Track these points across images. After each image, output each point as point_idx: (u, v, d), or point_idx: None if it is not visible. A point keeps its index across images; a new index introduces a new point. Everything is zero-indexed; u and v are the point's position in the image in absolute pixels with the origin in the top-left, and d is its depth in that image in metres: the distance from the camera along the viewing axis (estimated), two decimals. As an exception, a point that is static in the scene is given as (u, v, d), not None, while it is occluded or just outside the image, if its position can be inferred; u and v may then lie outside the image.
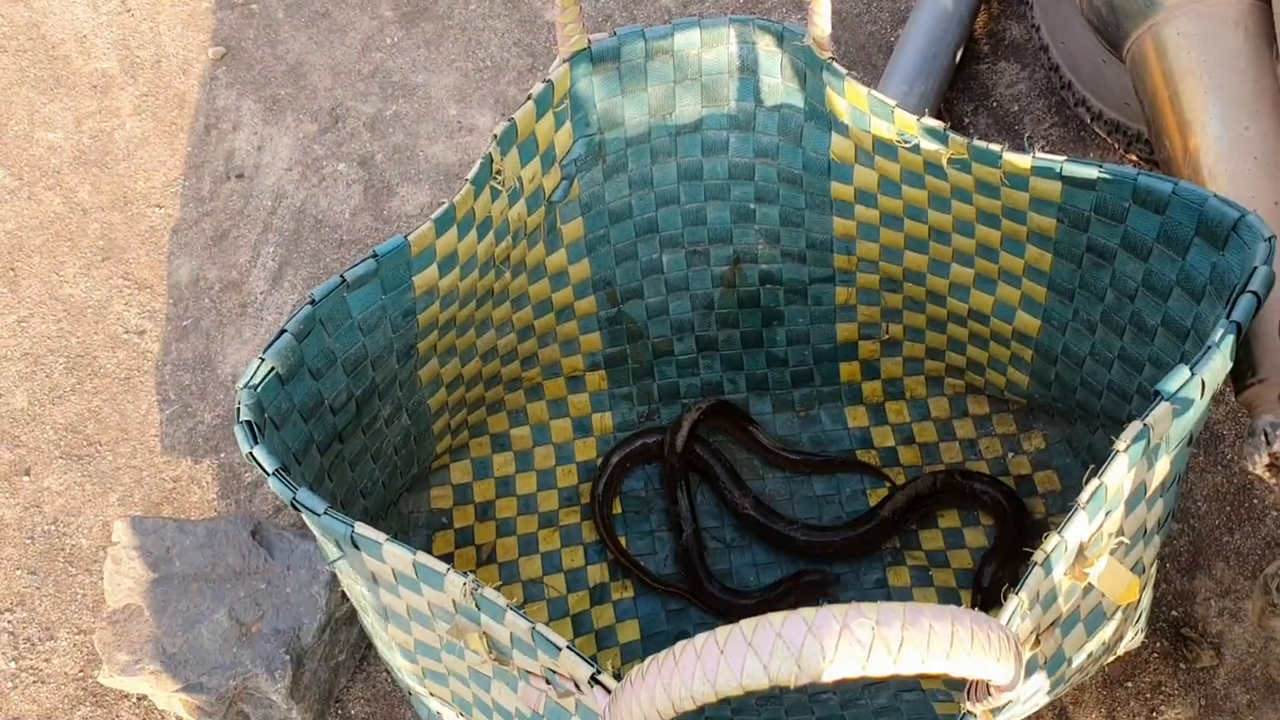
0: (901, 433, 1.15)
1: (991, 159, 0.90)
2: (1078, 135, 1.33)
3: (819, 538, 1.08)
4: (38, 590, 1.15)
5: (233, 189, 1.36)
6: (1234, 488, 1.13)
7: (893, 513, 1.08)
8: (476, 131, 1.39)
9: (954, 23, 1.32)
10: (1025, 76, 1.37)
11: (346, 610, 1.06)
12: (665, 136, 1.04)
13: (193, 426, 1.23)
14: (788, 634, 0.48)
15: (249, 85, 1.43)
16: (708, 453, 1.12)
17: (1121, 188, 0.86)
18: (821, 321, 1.13)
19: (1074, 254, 0.93)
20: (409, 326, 0.93)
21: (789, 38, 0.97)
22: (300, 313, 0.84)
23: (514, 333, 1.07)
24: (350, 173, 1.37)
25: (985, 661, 0.52)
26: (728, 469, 1.12)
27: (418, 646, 0.82)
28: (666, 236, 1.09)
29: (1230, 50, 1.05)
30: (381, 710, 1.09)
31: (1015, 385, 1.09)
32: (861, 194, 1.02)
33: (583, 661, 0.67)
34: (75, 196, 1.37)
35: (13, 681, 1.11)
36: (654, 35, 0.98)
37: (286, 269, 1.31)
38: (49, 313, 1.30)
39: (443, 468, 1.12)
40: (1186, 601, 1.09)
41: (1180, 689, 1.05)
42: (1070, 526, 0.69)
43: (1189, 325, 0.87)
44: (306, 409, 0.86)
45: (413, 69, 1.44)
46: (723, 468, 1.12)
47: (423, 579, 0.72)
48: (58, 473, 1.21)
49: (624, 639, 1.06)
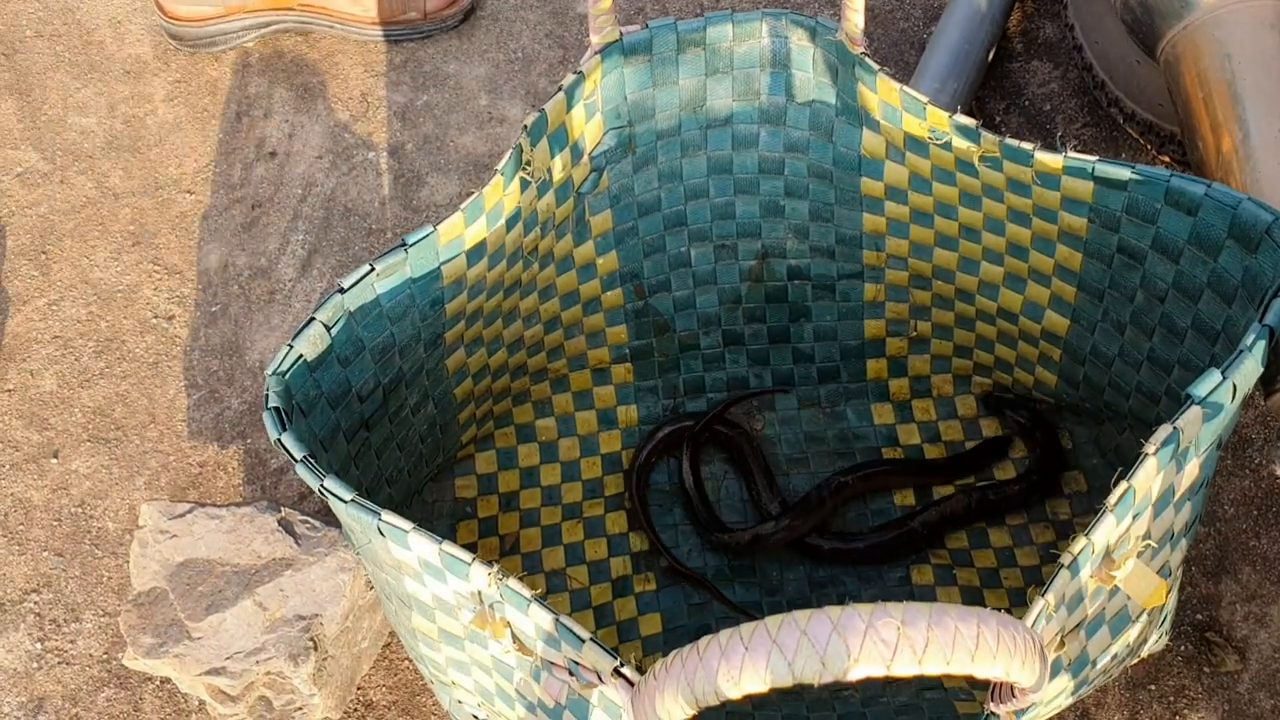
0: (928, 431, 1.14)
1: (1023, 157, 0.89)
2: (1110, 136, 1.32)
3: (844, 545, 1.08)
4: (64, 572, 1.16)
5: (263, 176, 1.36)
6: (1261, 492, 1.13)
7: (923, 526, 1.07)
8: (507, 122, 1.39)
9: (987, 21, 1.32)
10: (1058, 76, 1.37)
11: (370, 598, 1.06)
12: (696, 130, 1.04)
13: (220, 412, 1.24)
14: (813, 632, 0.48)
15: (280, 73, 1.43)
16: (746, 444, 1.12)
17: (1154, 189, 0.86)
18: (849, 318, 1.13)
19: (1104, 254, 0.93)
20: (437, 316, 0.93)
21: (821, 32, 0.97)
22: (329, 300, 0.84)
23: (541, 324, 1.07)
24: (380, 162, 1.37)
25: (1010, 664, 0.52)
26: (763, 467, 1.11)
27: (441, 636, 0.82)
28: (695, 230, 1.09)
29: (1265, 52, 1.04)
30: (403, 698, 1.09)
31: (1043, 385, 1.09)
32: (892, 190, 1.02)
33: (606, 654, 0.67)
34: (107, 181, 1.38)
35: (38, 662, 1.12)
36: (686, 28, 0.98)
37: (315, 257, 1.32)
38: (79, 296, 1.30)
39: (468, 457, 1.12)
40: (1212, 605, 1.08)
41: (1204, 693, 1.05)
42: (1098, 529, 0.68)
43: (1219, 328, 0.86)
44: (334, 396, 0.87)
45: (444, 59, 1.44)
46: (758, 465, 1.11)
47: (448, 568, 0.72)
48: (85, 456, 1.22)
49: (646, 632, 1.06)
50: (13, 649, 1.13)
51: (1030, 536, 1.08)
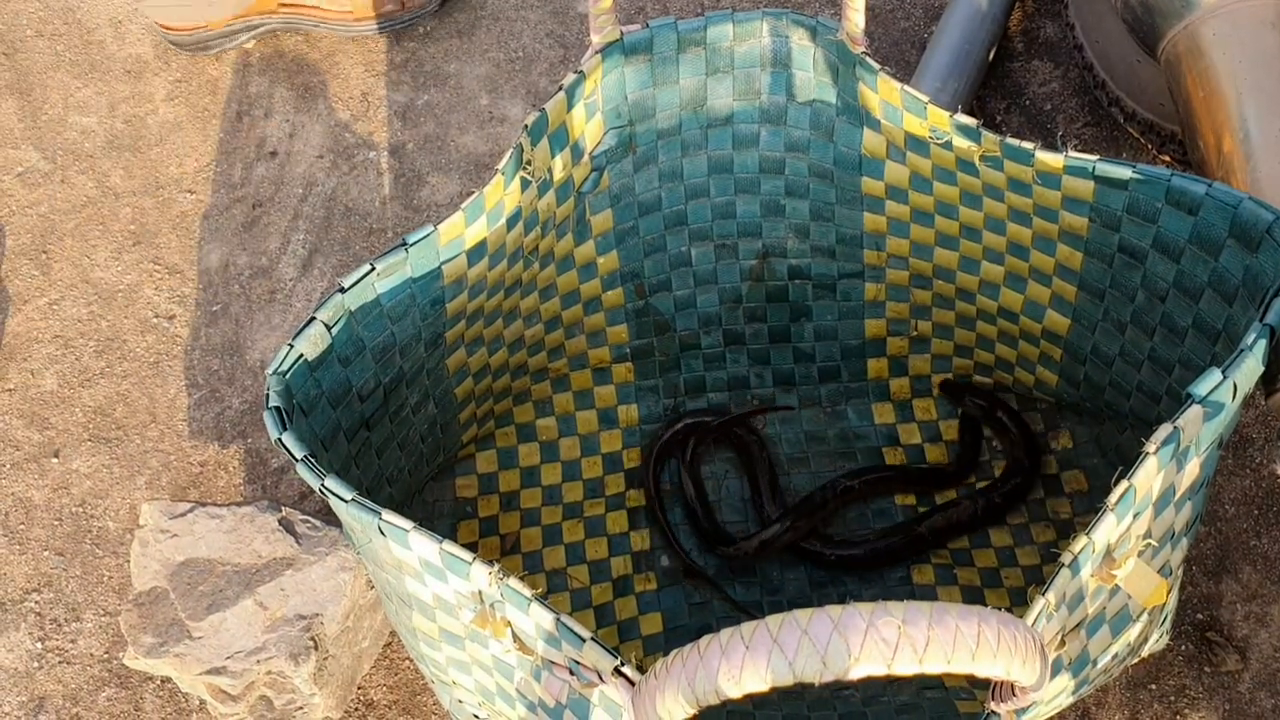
0: (928, 430, 1.14)
1: (1024, 157, 0.89)
2: (1111, 135, 1.32)
3: (846, 551, 1.08)
4: (65, 572, 1.16)
5: (264, 175, 1.36)
6: (1262, 491, 1.13)
7: (929, 531, 1.07)
8: (507, 122, 1.39)
9: (988, 20, 1.32)
10: (1059, 75, 1.37)
11: (370, 598, 1.06)
12: (696, 129, 1.04)
13: (220, 412, 1.24)
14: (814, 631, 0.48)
15: (281, 72, 1.43)
16: (757, 450, 1.12)
17: (1154, 188, 0.86)
18: (850, 317, 1.13)
19: (1105, 253, 0.93)
20: (437, 315, 0.93)
21: (822, 32, 0.96)
22: (330, 300, 0.84)
23: (541, 323, 1.07)
24: (381, 161, 1.37)
25: (1011, 663, 0.52)
26: (769, 474, 1.11)
27: (442, 635, 0.82)
28: (695, 229, 1.09)
29: (1266, 51, 1.04)
30: (403, 698, 1.09)
31: (1044, 384, 1.09)
32: (892, 190, 1.02)
33: (607, 653, 0.67)
34: (108, 181, 1.38)
35: (39, 662, 1.12)
36: (687, 28, 0.98)
37: (316, 256, 1.32)
38: (80, 296, 1.30)
39: (468, 457, 1.12)
40: (1212, 605, 1.08)
41: (1204, 693, 1.05)
42: (1099, 528, 0.68)
43: (1220, 327, 0.86)
44: (334, 396, 0.87)
45: (445, 58, 1.44)
46: (764, 471, 1.11)
47: (448, 568, 0.72)
48: (86, 455, 1.22)
49: (647, 631, 1.06)
50: (13, 648, 1.13)
51: (1031, 536, 1.08)
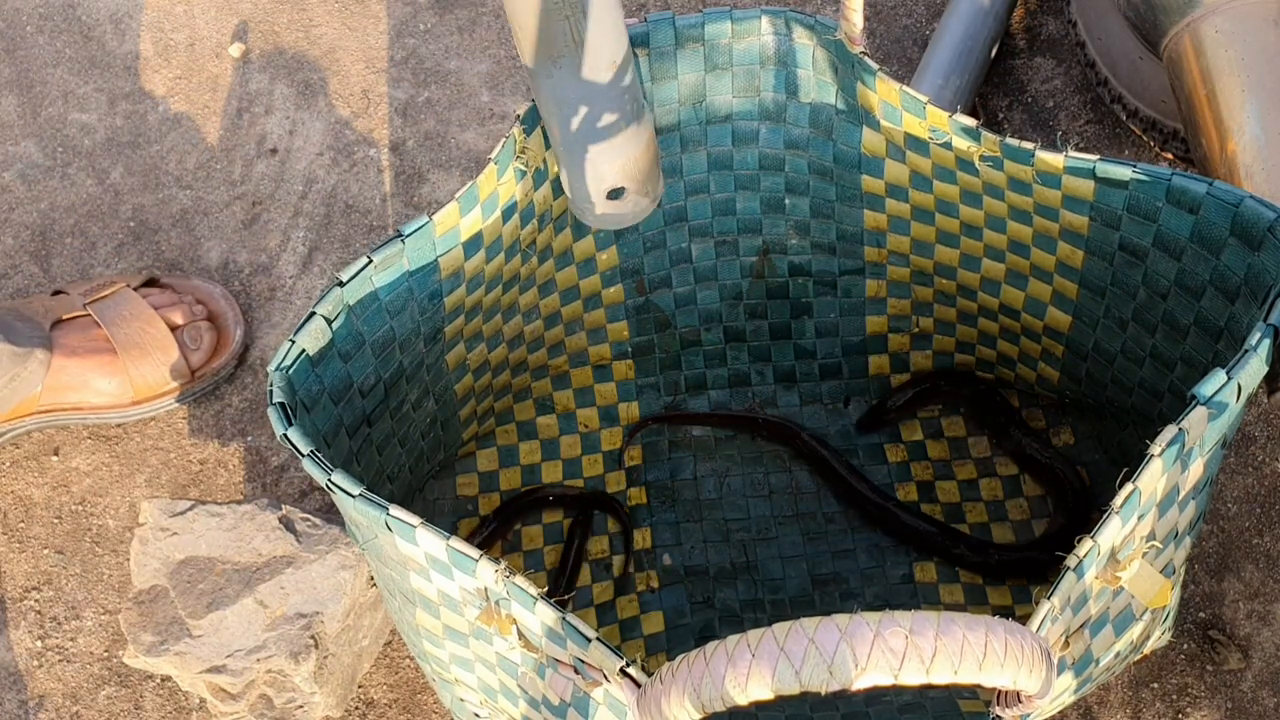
0: (929, 427, 1.14)
1: (1024, 157, 0.89)
2: (1113, 132, 1.32)
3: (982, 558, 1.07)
4: (64, 570, 1.16)
5: (264, 173, 1.36)
6: (1265, 490, 1.13)
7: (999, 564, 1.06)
8: (508, 119, 1.39)
9: (990, 17, 1.31)
10: (1061, 72, 1.36)
11: (371, 596, 1.06)
12: (695, 125, 1.03)
13: (220, 410, 1.23)
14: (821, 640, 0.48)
15: (281, 69, 1.43)
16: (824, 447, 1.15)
17: (1155, 187, 0.86)
18: (851, 314, 1.13)
19: (1106, 252, 0.92)
20: (435, 309, 0.93)
21: (821, 30, 0.96)
22: (329, 294, 0.84)
23: (541, 319, 1.07)
24: (381, 158, 1.37)
25: (1018, 672, 0.52)
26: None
27: (445, 631, 0.82)
28: (695, 226, 1.09)
29: (1269, 49, 1.04)
30: (404, 696, 1.09)
31: (1045, 381, 1.09)
32: (892, 188, 1.01)
33: (612, 654, 0.67)
34: (108, 178, 1.37)
35: (39, 660, 1.12)
36: (684, 23, 0.97)
37: (316, 253, 1.31)
38: (79, 293, 1.30)
39: (469, 455, 1.12)
40: (1215, 603, 1.08)
41: (1207, 691, 1.05)
42: (1104, 531, 0.68)
43: (1222, 325, 0.86)
44: (336, 392, 0.87)
45: (445, 55, 1.44)
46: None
47: (455, 564, 0.72)
48: (85, 453, 1.22)
49: (648, 630, 1.06)
50: (13, 647, 1.13)
51: (1033, 532, 1.08)
